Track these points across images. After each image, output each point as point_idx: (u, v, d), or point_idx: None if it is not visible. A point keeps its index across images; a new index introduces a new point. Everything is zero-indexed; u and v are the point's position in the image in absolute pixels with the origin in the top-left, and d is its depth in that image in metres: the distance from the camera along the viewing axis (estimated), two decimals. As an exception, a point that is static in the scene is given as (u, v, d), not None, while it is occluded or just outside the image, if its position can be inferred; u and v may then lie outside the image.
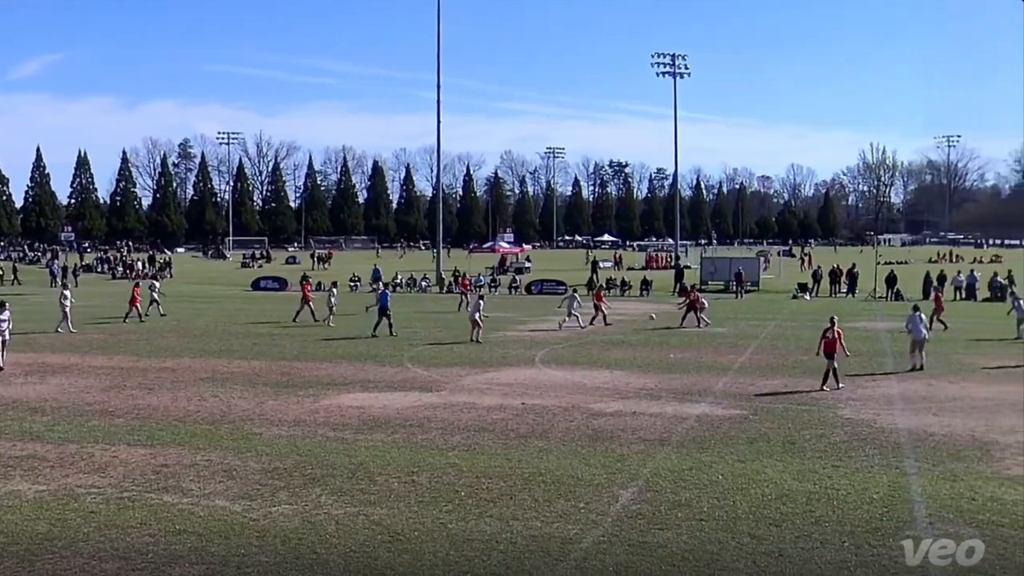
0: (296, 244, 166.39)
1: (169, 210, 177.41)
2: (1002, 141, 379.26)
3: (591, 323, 41.23)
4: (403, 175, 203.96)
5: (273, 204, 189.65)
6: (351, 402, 23.04)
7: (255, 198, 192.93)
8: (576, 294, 44.23)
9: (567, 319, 40.57)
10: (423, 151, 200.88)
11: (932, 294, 49.70)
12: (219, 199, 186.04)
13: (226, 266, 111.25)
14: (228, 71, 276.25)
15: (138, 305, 42.98)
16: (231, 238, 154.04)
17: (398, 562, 11.84)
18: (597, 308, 42.56)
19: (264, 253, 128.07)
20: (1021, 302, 39.65)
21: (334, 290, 44.88)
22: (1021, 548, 10.54)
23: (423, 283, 71.62)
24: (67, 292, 40.49)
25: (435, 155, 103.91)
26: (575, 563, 11.83)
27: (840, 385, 24.67)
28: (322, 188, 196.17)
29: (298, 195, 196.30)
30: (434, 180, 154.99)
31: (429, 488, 15.23)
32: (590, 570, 11.59)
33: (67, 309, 38.24)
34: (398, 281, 70.63)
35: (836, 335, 24.95)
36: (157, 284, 48.24)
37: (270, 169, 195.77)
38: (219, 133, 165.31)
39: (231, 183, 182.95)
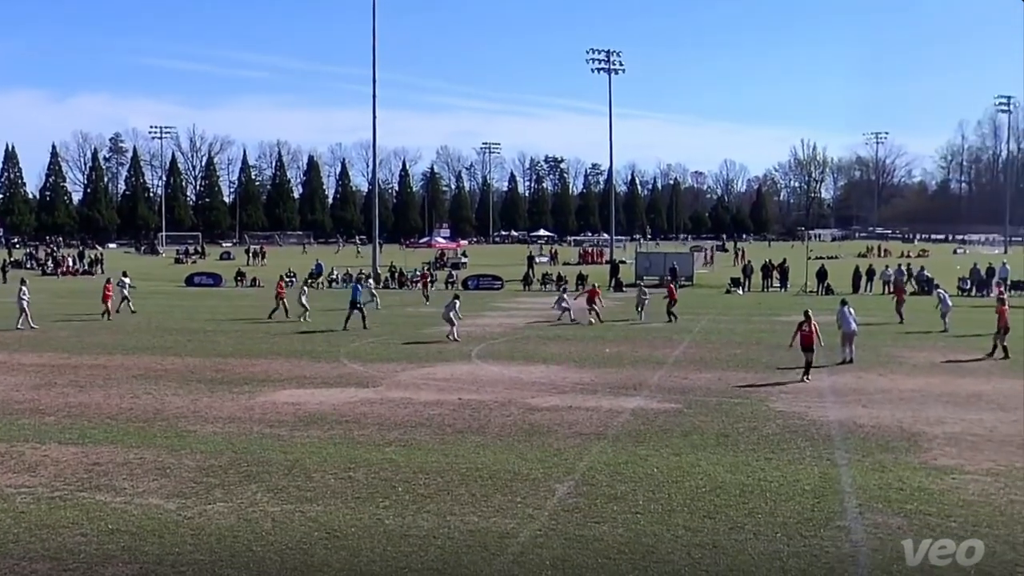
0: (231, 240, 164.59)
1: (100, 205, 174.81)
2: (929, 138, 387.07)
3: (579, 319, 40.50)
4: (339, 170, 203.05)
5: (207, 199, 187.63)
6: (287, 398, 22.87)
7: (188, 193, 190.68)
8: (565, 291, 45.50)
9: (566, 313, 40.94)
10: (359, 146, 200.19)
11: (894, 287, 49.78)
12: (151, 194, 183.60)
13: (159, 262, 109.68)
14: (157, 64, 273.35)
15: (109, 302, 41.67)
16: (164, 233, 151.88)
17: (335, 559, 11.78)
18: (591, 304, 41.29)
19: (198, 249, 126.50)
20: (945, 294, 40.66)
21: (305, 288, 44.15)
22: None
23: (358, 278, 71.27)
24: (25, 288, 38.99)
25: (371, 150, 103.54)
26: (512, 557, 11.85)
27: (807, 378, 25.27)
28: (257, 183, 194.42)
29: (232, 190, 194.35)
30: (370, 175, 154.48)
31: (366, 484, 15.18)
32: (527, 564, 11.62)
33: (25, 305, 37.54)
34: (334, 276, 70.27)
35: (812, 328, 25.28)
36: (127, 280, 46.33)
37: (203, 164, 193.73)
38: (151, 127, 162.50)
39: (164, 178, 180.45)
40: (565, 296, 42.93)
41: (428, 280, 59.08)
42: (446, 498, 14.41)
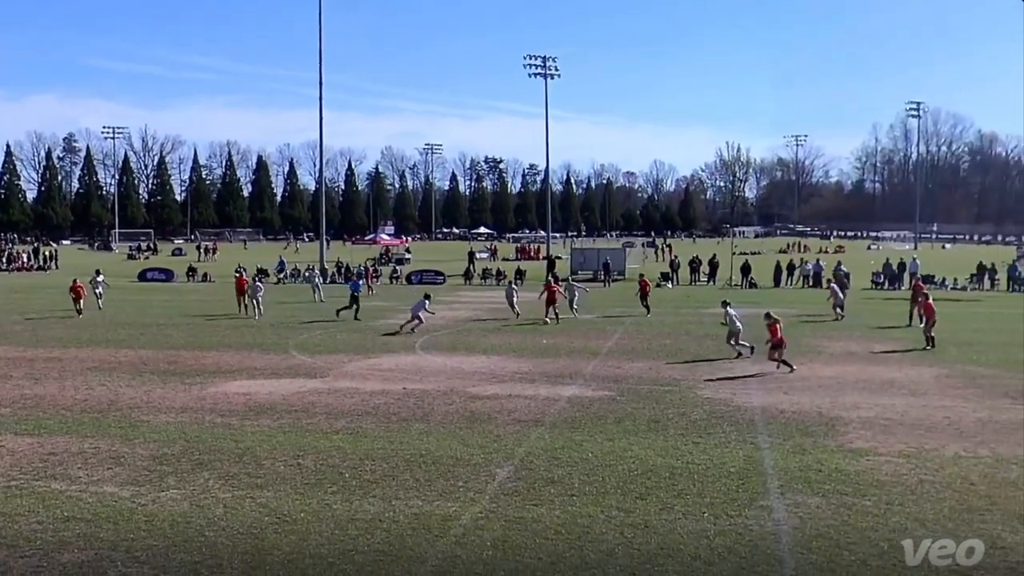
0: (182, 236, 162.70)
1: (54, 203, 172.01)
2: (845, 141, 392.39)
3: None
4: (287, 169, 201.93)
5: (159, 197, 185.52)
6: (237, 389, 22.65)
7: (141, 191, 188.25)
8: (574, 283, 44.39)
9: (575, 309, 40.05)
10: (306, 146, 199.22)
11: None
12: (105, 192, 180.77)
13: (112, 258, 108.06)
14: (110, 66, 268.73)
15: (83, 301, 40.17)
16: (117, 230, 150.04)
17: (284, 542, 11.70)
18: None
19: (150, 245, 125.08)
20: (836, 287, 41.92)
21: (259, 284, 42.96)
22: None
23: (307, 274, 70.79)
24: None
25: (318, 150, 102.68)
26: (455, 539, 11.85)
27: (778, 368, 25.27)
28: (207, 182, 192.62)
29: (183, 188, 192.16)
30: (317, 174, 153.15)
31: (314, 471, 15.09)
32: (469, 545, 11.62)
33: None
34: (285, 272, 69.77)
35: (776, 326, 25.41)
36: (100, 279, 44.84)
37: (155, 163, 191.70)
38: (104, 128, 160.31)
39: (117, 176, 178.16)
40: (515, 289, 41.92)
41: (373, 275, 59.45)
42: (391, 483, 14.36)
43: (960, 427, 18.62)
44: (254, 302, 40.03)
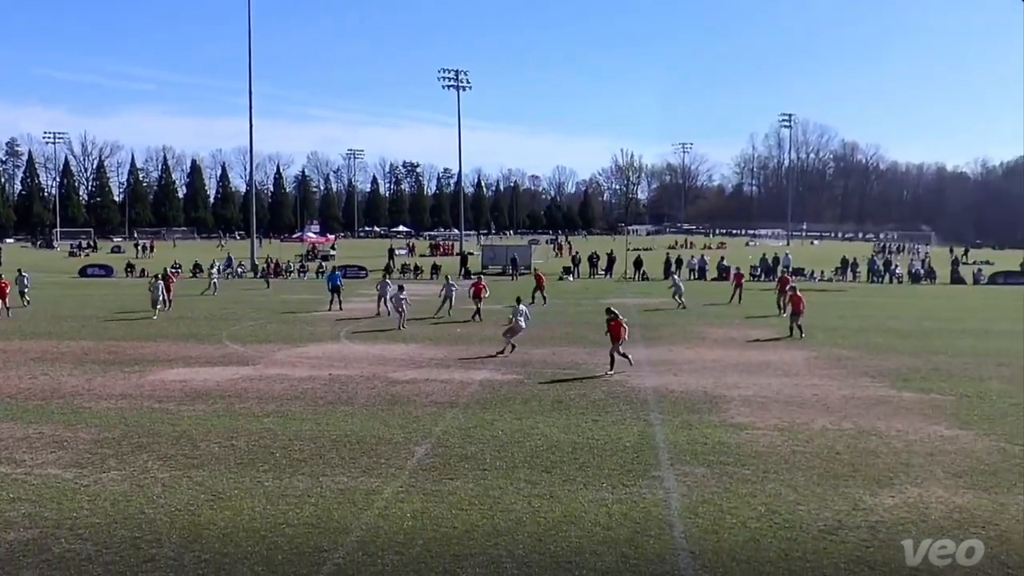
0: (121, 235, 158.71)
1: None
2: (726, 148, 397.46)
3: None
4: (219, 173, 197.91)
5: (98, 198, 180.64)
6: (174, 377, 22.19)
7: (81, 192, 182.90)
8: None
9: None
10: (237, 151, 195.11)
11: (733, 277, 49.58)
12: (46, 194, 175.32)
13: (54, 255, 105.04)
14: (50, 75, 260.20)
15: (7, 299, 37.46)
16: (58, 229, 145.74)
17: (220, 518, 11.52)
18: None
19: (90, 243, 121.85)
20: (678, 279, 42.93)
21: (160, 282, 41.29)
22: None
23: (239, 269, 69.79)
24: None
25: (248, 155, 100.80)
26: (378, 511, 11.80)
27: (620, 364, 23.57)
28: (144, 184, 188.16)
29: (122, 190, 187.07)
30: (248, 177, 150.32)
31: (247, 451, 14.87)
32: (391, 516, 11.58)
33: None
34: (215, 269, 68.62)
35: (617, 322, 23.47)
36: (27, 276, 43.08)
37: (95, 166, 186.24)
38: (45, 133, 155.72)
39: (57, 179, 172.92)
40: (453, 286, 38.35)
41: (272, 270, 60.02)
42: (319, 461, 14.23)
43: (827, 403, 19.10)
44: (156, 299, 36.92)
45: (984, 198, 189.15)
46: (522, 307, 27.45)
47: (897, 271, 67.80)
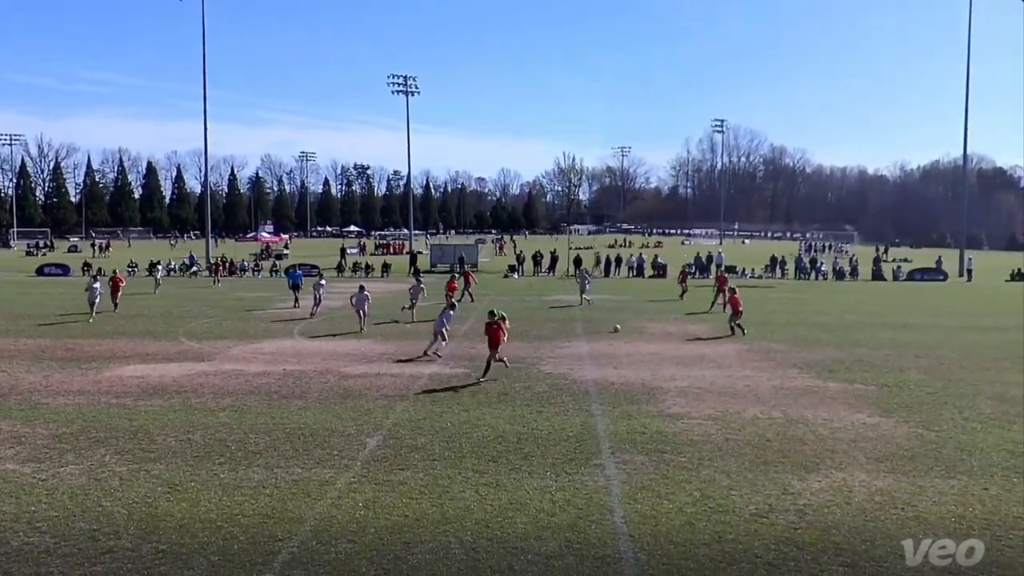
0: (78, 235, 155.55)
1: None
2: (662, 152, 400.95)
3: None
4: (175, 174, 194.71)
5: (55, 199, 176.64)
6: (131, 373, 21.81)
7: (38, 193, 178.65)
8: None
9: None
10: (192, 153, 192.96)
11: (680, 274, 49.23)
12: (3, 194, 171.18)
13: (11, 254, 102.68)
14: (6, 78, 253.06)
15: None
16: (15, 229, 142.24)
17: (176, 509, 11.37)
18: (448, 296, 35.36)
19: (47, 243, 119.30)
20: (587, 274, 43.55)
21: (96, 285, 36.56)
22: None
23: (194, 268, 68.83)
24: None
25: (203, 157, 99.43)
26: (331, 501, 11.73)
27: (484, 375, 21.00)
28: (100, 185, 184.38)
29: (78, 191, 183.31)
30: (203, 179, 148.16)
31: (203, 444, 14.69)
32: (344, 506, 11.52)
33: None
34: (172, 267, 67.69)
35: (498, 326, 21.37)
36: None
37: (51, 168, 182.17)
38: (1, 135, 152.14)
39: (14, 180, 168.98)
40: (423, 287, 35.38)
41: (220, 267, 61.31)
42: (273, 453, 14.10)
43: (758, 393, 19.37)
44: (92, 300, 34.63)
45: (902, 199, 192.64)
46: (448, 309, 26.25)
47: (822, 268, 68.88)
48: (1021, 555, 10.05)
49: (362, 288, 31.63)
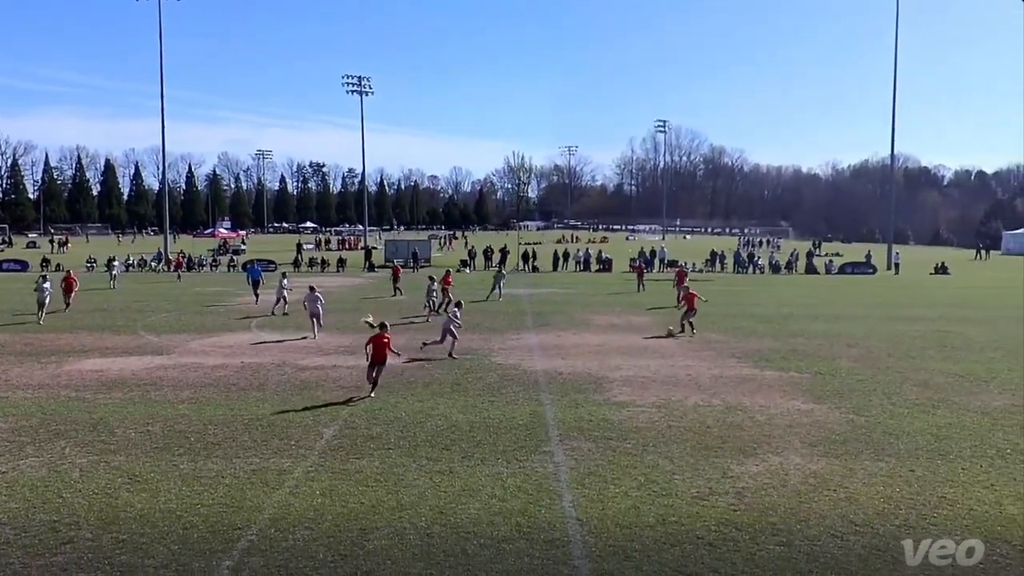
0: (36, 231, 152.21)
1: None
2: (608, 151, 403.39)
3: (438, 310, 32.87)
4: (132, 172, 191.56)
5: (13, 196, 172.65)
6: (91, 367, 21.41)
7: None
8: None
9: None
10: (150, 151, 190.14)
11: (636, 270, 49.08)
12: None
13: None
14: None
15: None
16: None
17: (137, 500, 11.20)
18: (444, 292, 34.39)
19: (5, 239, 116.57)
20: (503, 271, 43.59)
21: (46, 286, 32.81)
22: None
23: (152, 263, 67.70)
24: None
25: (160, 154, 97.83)
26: (289, 489, 11.63)
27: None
28: (59, 182, 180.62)
29: (36, 188, 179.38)
30: (160, 176, 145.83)
31: (163, 436, 14.47)
32: (301, 494, 11.43)
33: None
34: (130, 262, 66.55)
35: (386, 341, 18.02)
36: None
37: (9, 165, 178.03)
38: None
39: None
40: (436, 288, 33.82)
41: (178, 263, 60.65)
42: (232, 444, 13.95)
43: (699, 382, 19.56)
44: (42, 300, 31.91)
45: (834, 197, 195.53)
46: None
47: (759, 262, 69.75)
48: (943, 533, 10.26)
49: (312, 289, 28.18)
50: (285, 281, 34.45)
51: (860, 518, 10.65)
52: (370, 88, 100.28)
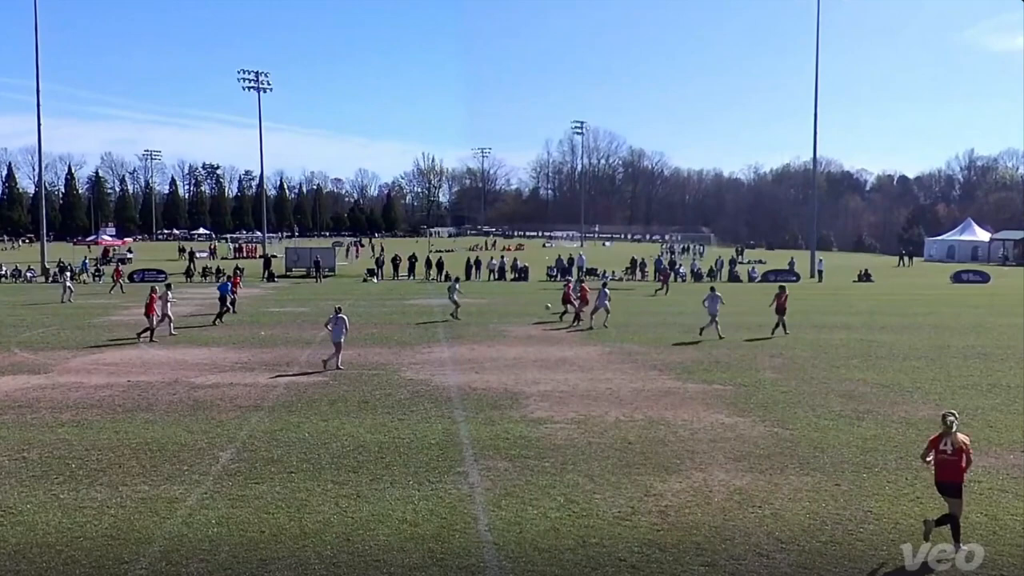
0: None
1: None
2: (523, 153, 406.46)
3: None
4: (6, 173, 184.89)
5: None
6: (-43, 388, 20.60)
7: None
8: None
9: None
10: (24, 151, 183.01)
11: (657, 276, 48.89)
12: None
13: None
14: None
15: None
16: None
17: (11, 534, 10.80)
18: None
19: None
20: (457, 285, 43.46)
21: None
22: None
23: (28, 274, 65.38)
24: None
25: (36, 155, 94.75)
26: (182, 519, 11.37)
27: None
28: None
29: None
30: (37, 178, 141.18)
31: (40, 463, 14.00)
32: (195, 524, 11.18)
33: None
34: (3, 272, 64.22)
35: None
36: None
37: None
38: None
39: None
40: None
41: (120, 274, 57.14)
42: (118, 471, 13.56)
43: (620, 396, 19.79)
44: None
45: (756, 202, 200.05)
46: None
47: (681, 270, 70.90)
48: (870, 548, 10.58)
49: (338, 311, 24.70)
50: (169, 295, 32.59)
51: (786, 535, 10.92)
52: (268, 84, 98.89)
